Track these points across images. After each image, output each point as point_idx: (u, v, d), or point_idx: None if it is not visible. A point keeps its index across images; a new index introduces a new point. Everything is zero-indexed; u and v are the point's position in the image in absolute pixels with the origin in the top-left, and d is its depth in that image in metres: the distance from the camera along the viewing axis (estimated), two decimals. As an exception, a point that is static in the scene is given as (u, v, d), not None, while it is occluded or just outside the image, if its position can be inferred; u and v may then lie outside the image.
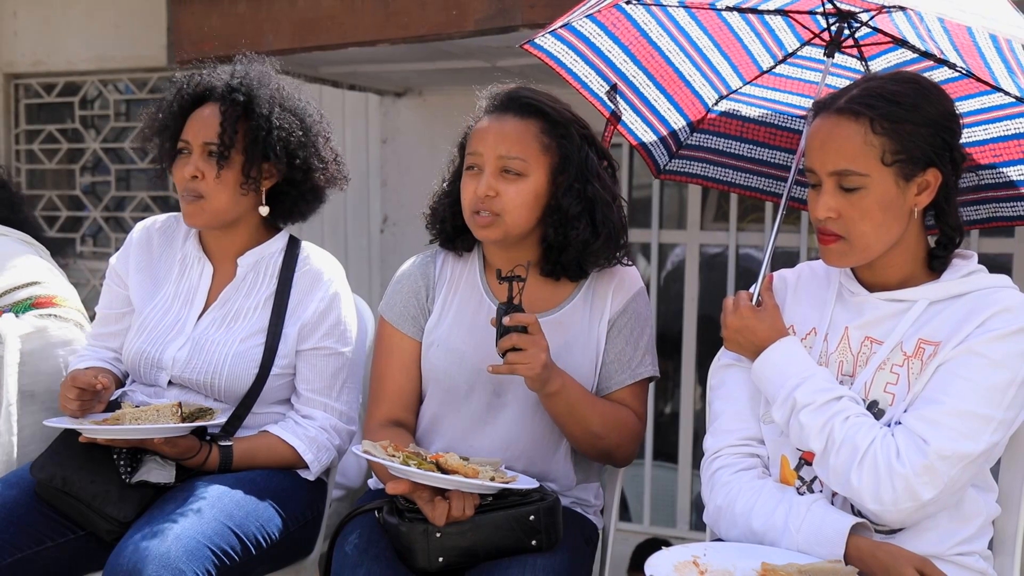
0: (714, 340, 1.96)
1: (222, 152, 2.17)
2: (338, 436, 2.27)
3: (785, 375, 1.77)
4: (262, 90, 2.24)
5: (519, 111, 2.03)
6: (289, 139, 2.22)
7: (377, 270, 4.73)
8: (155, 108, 2.31)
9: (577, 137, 2.03)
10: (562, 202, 2.01)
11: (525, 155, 2.00)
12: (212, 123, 2.20)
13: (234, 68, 2.29)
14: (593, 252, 2.04)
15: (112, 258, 2.39)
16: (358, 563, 1.86)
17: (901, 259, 1.77)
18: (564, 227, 2.01)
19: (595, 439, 2.02)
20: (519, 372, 1.88)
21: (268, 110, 2.21)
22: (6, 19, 5.30)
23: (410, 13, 3.18)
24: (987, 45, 1.96)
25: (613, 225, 2.04)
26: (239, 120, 2.19)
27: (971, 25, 1.68)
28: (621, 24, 2.19)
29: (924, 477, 1.62)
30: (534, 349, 1.87)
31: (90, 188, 5.37)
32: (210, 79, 2.26)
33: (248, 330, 2.24)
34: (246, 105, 2.20)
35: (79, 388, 2.09)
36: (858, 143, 1.69)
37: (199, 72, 2.30)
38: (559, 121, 2.03)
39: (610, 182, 2.08)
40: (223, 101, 2.21)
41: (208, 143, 2.19)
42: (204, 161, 2.19)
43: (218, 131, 2.18)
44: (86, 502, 2.03)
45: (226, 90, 2.22)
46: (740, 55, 2.34)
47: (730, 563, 1.61)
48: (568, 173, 2.01)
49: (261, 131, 2.19)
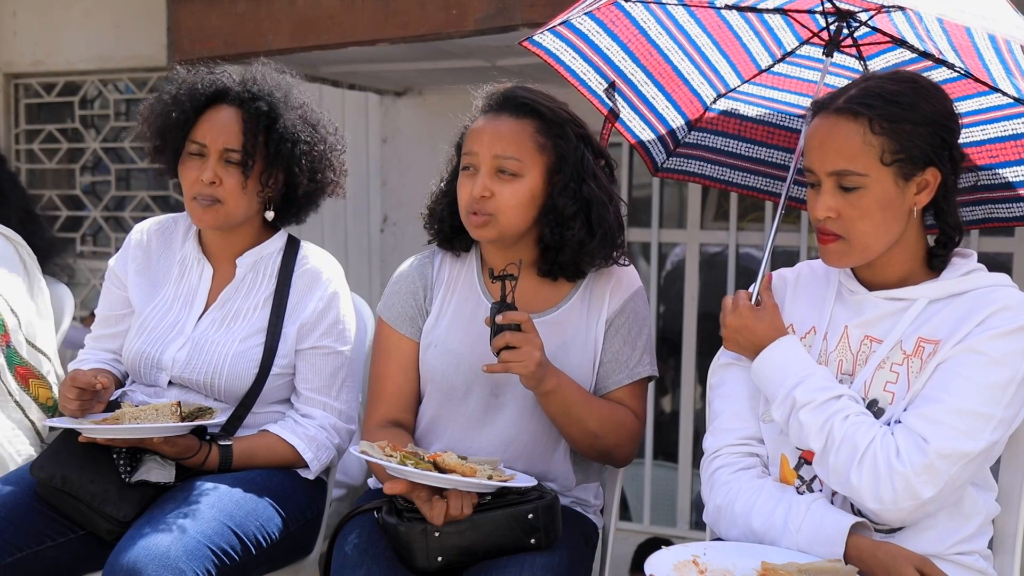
0: (714, 339, 1.96)
1: (245, 160, 2.17)
2: (337, 435, 2.27)
3: (784, 374, 1.77)
4: (286, 101, 2.22)
5: (514, 111, 2.03)
6: (312, 153, 2.23)
7: (377, 270, 4.73)
8: (159, 104, 2.25)
9: (573, 137, 2.03)
10: (557, 202, 2.00)
11: (520, 155, 1.99)
12: (232, 129, 2.18)
13: (253, 74, 2.25)
14: (589, 252, 2.04)
15: (111, 260, 2.39)
16: (358, 563, 1.86)
17: (900, 258, 1.77)
18: (560, 227, 2.01)
19: (593, 439, 2.02)
20: (513, 370, 1.87)
21: (292, 123, 2.20)
22: (6, 19, 5.30)
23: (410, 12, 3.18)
24: (986, 46, 1.96)
25: (609, 225, 2.04)
26: (262, 129, 2.18)
27: (970, 25, 1.68)
28: (620, 22, 2.19)
29: (924, 476, 1.62)
30: (528, 347, 1.86)
31: (90, 188, 5.36)
32: (223, 80, 2.23)
33: (248, 330, 2.24)
34: (269, 115, 2.18)
35: (79, 388, 2.09)
36: (857, 143, 1.69)
37: (207, 70, 2.26)
38: (555, 121, 2.02)
39: (607, 182, 2.08)
40: (244, 108, 2.19)
41: (229, 150, 2.17)
42: (222, 167, 2.17)
43: (241, 140, 2.17)
44: (86, 501, 2.02)
45: (246, 96, 2.19)
46: (739, 54, 2.34)
47: (730, 562, 1.61)
48: (564, 173, 2.01)
49: (286, 143, 2.19)
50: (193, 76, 2.24)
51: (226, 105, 2.21)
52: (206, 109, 2.21)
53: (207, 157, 2.18)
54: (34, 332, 2.43)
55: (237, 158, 2.17)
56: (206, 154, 2.18)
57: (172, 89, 2.24)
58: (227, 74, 2.24)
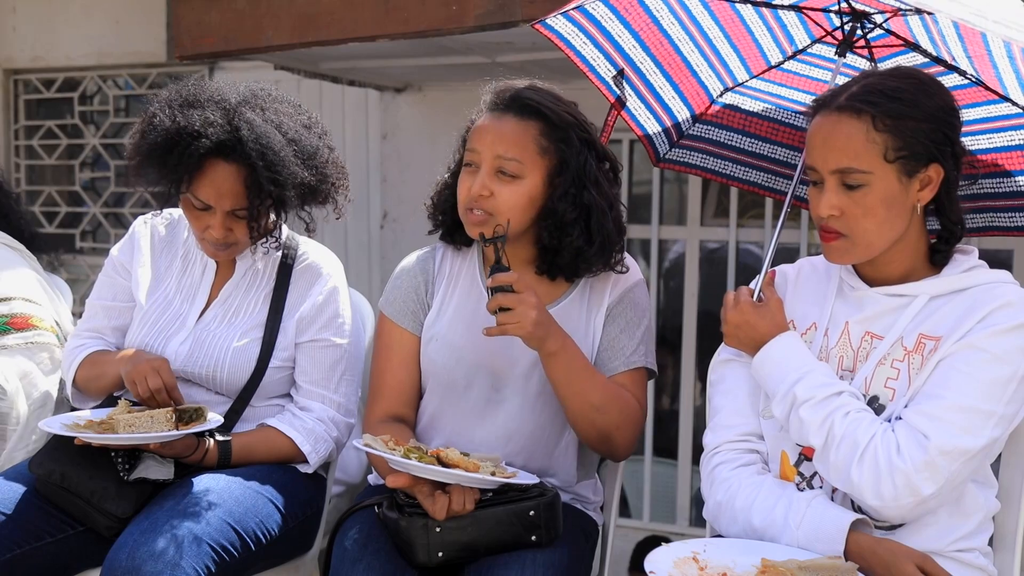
0: (714, 336, 1.96)
1: (251, 214, 2.15)
2: (336, 428, 2.28)
3: (785, 370, 1.77)
4: (276, 137, 2.13)
5: (519, 112, 2.02)
6: (319, 190, 2.22)
7: (377, 266, 4.73)
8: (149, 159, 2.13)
9: (577, 141, 2.02)
10: (557, 207, 1.99)
11: (522, 157, 1.99)
12: (236, 190, 2.12)
13: (239, 116, 2.12)
14: (587, 259, 2.04)
15: (114, 249, 2.38)
16: (358, 558, 1.86)
17: (903, 254, 1.77)
18: (558, 232, 2.00)
19: (595, 412, 1.98)
20: (510, 332, 1.86)
21: (291, 168, 2.13)
22: (5, 14, 5.29)
23: (410, 8, 3.17)
24: (1000, 55, 1.95)
25: (608, 233, 2.03)
26: (264, 179, 2.11)
27: (987, 30, 1.66)
28: (633, 9, 2.17)
29: (925, 473, 1.62)
30: (522, 307, 1.85)
31: (89, 184, 5.36)
32: (214, 132, 2.08)
33: (248, 325, 2.25)
34: (264, 161, 2.10)
35: (165, 385, 2.08)
36: (860, 141, 1.68)
37: (201, 121, 2.09)
38: (559, 125, 2.01)
39: (608, 188, 2.06)
40: (242, 161, 2.10)
41: (236, 209, 2.14)
42: (231, 220, 2.16)
43: (246, 201, 2.13)
44: (85, 498, 2.02)
45: (239, 147, 2.09)
46: (750, 48, 2.33)
47: (730, 559, 1.61)
48: (565, 178, 2.00)
49: (289, 190, 2.15)
50: (190, 132, 2.09)
51: (223, 161, 2.11)
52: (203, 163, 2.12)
53: (213, 212, 2.15)
54: (60, 316, 2.57)
55: (244, 215, 2.16)
56: (211, 210, 2.15)
57: (158, 139, 2.11)
58: (216, 124, 2.09)
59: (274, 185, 2.12)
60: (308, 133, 2.23)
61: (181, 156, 2.09)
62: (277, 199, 2.16)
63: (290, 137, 2.17)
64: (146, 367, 2.09)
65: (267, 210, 2.18)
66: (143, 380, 2.07)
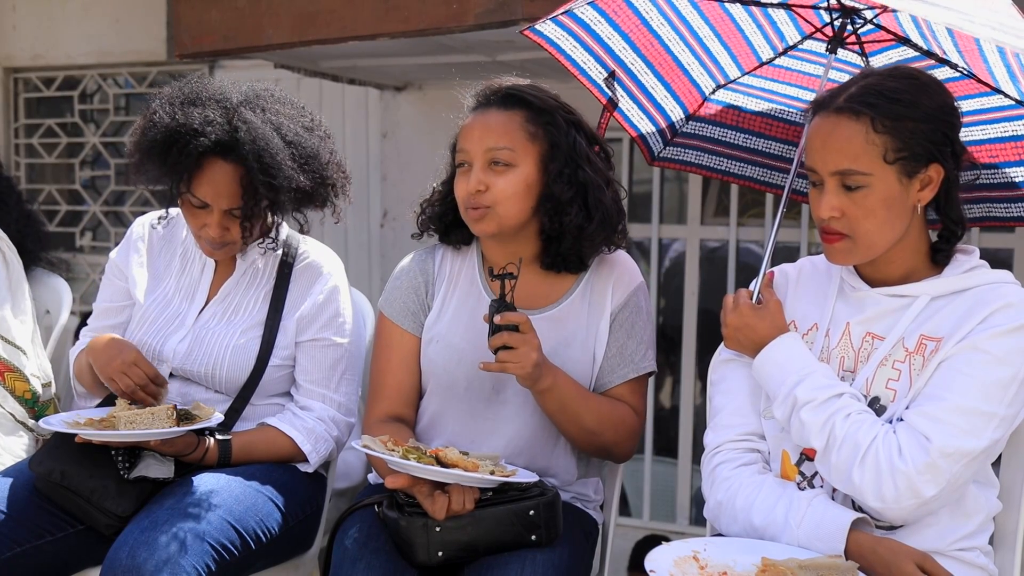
0: (714, 335, 1.96)
1: (247, 215, 2.16)
2: (336, 427, 2.28)
3: (785, 372, 1.76)
4: (273, 139, 2.13)
5: (502, 103, 2.03)
6: (317, 192, 2.23)
7: (377, 265, 4.72)
8: (149, 157, 2.15)
9: (563, 123, 2.03)
10: (554, 189, 2.00)
11: (512, 145, 1.99)
12: (233, 190, 2.13)
13: (239, 116, 2.13)
14: (588, 236, 2.03)
15: (112, 252, 2.40)
16: (358, 557, 1.86)
17: (904, 254, 1.77)
18: (558, 214, 2.01)
19: (590, 435, 2.02)
20: (509, 371, 1.88)
21: (288, 170, 2.13)
22: (5, 13, 5.29)
23: (410, 7, 3.17)
24: (990, 49, 1.95)
25: (607, 208, 2.03)
26: (259, 182, 2.12)
27: (979, 36, 1.66)
28: (622, 11, 2.19)
29: (926, 475, 1.62)
30: (525, 348, 1.86)
31: (89, 182, 5.36)
32: (213, 131, 2.09)
33: (248, 323, 2.25)
34: (259, 163, 2.11)
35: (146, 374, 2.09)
36: (860, 142, 1.68)
37: (201, 119, 2.10)
38: (543, 108, 2.02)
39: (602, 166, 2.07)
40: (239, 161, 2.11)
41: (232, 208, 2.15)
42: (228, 219, 2.17)
43: (241, 201, 2.14)
44: (85, 496, 2.02)
45: (236, 147, 2.10)
46: (740, 46, 2.34)
47: (730, 558, 1.61)
48: (557, 159, 2.01)
49: (286, 193, 2.16)
50: (188, 130, 2.09)
51: (221, 160, 2.12)
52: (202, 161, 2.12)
53: (210, 211, 2.16)
54: (8, 327, 2.40)
55: (239, 214, 2.16)
56: (208, 208, 2.16)
57: (158, 136, 2.12)
58: (216, 123, 2.10)
59: (268, 187, 2.13)
60: (309, 135, 2.23)
61: (180, 154, 2.10)
62: (272, 201, 2.16)
63: (289, 139, 2.17)
64: (118, 365, 2.10)
65: (262, 211, 2.18)
66: (121, 377, 2.09)
